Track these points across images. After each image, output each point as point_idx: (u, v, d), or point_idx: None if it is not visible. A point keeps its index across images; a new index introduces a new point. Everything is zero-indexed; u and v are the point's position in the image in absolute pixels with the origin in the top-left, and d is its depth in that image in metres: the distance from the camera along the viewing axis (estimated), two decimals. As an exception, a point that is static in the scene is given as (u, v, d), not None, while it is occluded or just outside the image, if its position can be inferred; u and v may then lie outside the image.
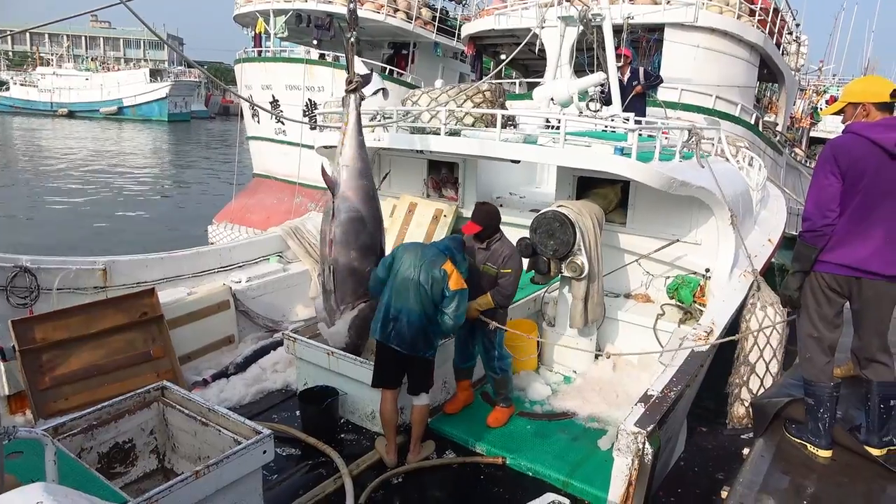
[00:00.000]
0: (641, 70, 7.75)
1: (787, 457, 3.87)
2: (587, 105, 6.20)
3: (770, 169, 13.99)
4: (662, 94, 11.75)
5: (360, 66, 6.11)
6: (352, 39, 5.03)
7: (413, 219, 7.09)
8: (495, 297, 4.74)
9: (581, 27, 6.92)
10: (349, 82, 4.99)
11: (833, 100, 29.67)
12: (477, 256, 4.85)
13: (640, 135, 5.44)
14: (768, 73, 14.53)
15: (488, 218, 4.78)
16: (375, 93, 5.94)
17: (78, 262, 5.50)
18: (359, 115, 5.20)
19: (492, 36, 13.54)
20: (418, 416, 4.57)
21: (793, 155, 16.94)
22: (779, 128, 15.78)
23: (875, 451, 3.81)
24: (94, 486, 3.33)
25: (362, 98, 5.97)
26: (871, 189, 3.45)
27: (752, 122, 12.70)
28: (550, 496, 2.97)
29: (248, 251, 6.87)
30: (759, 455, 3.88)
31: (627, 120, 5.25)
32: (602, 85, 7.02)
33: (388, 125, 6.50)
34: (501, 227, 4.83)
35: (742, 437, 4.53)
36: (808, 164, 18.06)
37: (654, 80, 8.19)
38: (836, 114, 3.73)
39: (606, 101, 7.02)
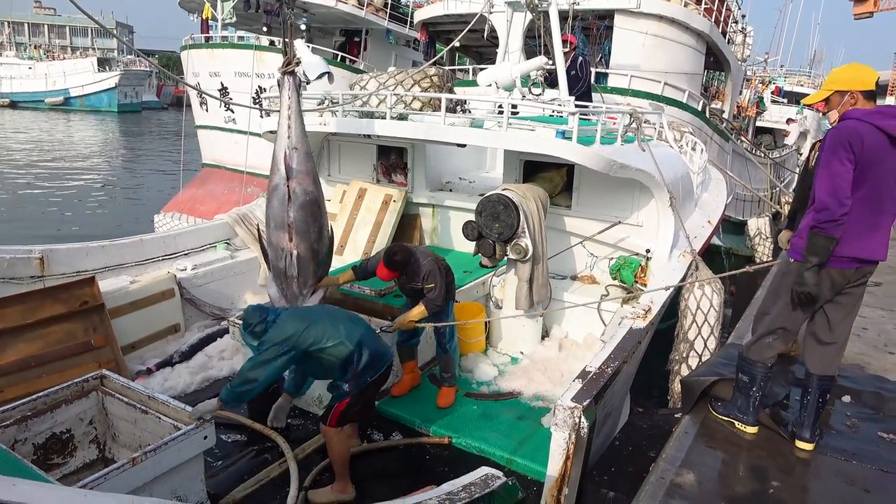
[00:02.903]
0: (580, 59, 7.81)
1: (711, 433, 4.03)
2: (529, 89, 6.26)
3: (717, 155, 14.35)
4: (612, 80, 11.95)
5: (303, 50, 6.06)
6: (291, 19, 4.97)
7: (363, 204, 7.07)
8: (429, 305, 4.75)
9: (528, 12, 6.97)
10: (287, 63, 4.93)
11: (778, 91, 30.39)
12: (399, 282, 4.92)
13: (584, 119, 5.55)
14: (715, 61, 14.87)
15: (402, 264, 4.69)
16: (320, 76, 5.86)
17: (12, 250, 5.32)
18: (299, 95, 5.15)
19: (445, 22, 13.53)
20: None
21: (740, 142, 17.38)
22: (725, 115, 16.17)
23: (807, 446, 3.87)
24: (26, 476, 3.26)
25: (307, 81, 5.94)
26: (880, 177, 3.38)
27: (700, 108, 12.98)
28: (485, 469, 3.03)
29: (194, 238, 6.75)
30: (684, 431, 4.03)
31: (566, 104, 5.34)
32: (548, 69, 7.09)
33: (336, 110, 6.46)
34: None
35: (676, 415, 4.68)
36: (753, 152, 18.55)
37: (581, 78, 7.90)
38: (821, 101, 3.64)
39: (552, 83, 7.09)
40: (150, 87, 64.00)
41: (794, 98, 28.60)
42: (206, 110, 16.00)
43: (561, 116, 6.17)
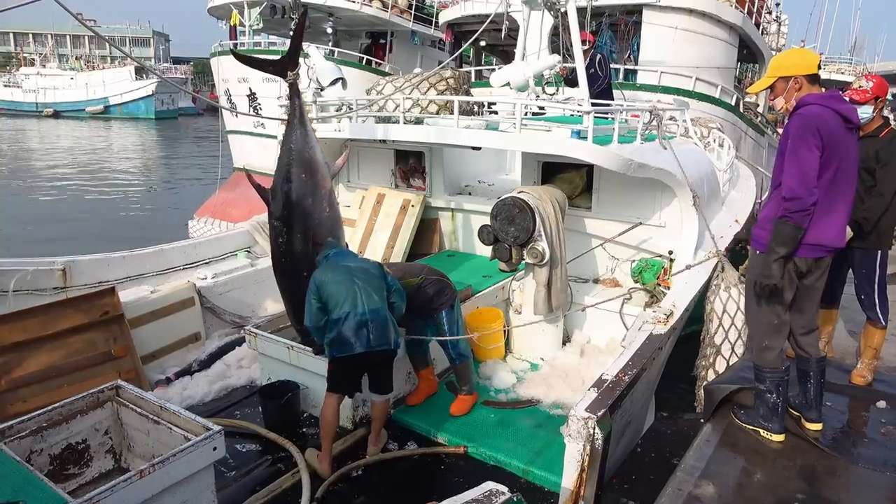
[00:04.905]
0: (599, 57, 7.64)
1: (733, 441, 3.87)
2: (543, 88, 6.13)
3: (752, 150, 13.95)
4: (642, 76, 11.71)
5: (317, 56, 6.05)
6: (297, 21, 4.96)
7: (381, 209, 7.03)
8: None
9: (545, 10, 6.82)
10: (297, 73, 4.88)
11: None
12: None
13: (602, 118, 5.41)
14: (748, 53, 14.49)
15: None
16: (333, 82, 5.86)
17: (35, 262, 5.41)
18: None
19: (470, 22, 13.42)
20: (381, 412, 4.53)
21: (776, 136, 16.89)
22: (760, 109, 15.72)
23: (816, 427, 3.86)
24: (34, 486, 3.29)
25: (321, 88, 5.93)
26: (841, 163, 3.38)
27: (733, 103, 12.65)
28: (489, 484, 2.94)
29: (214, 247, 6.79)
30: (705, 440, 3.87)
31: (581, 103, 5.20)
32: (569, 68, 6.95)
33: (352, 115, 6.43)
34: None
35: (702, 421, 4.52)
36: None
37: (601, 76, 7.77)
38: (765, 89, 3.62)
39: (572, 82, 6.94)
40: (186, 93, 65.33)
41: (835, 87, 27.72)
42: (236, 115, 16.21)
43: (580, 116, 6.05)
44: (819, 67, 3.47)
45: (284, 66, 4.90)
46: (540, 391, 5.26)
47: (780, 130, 18.10)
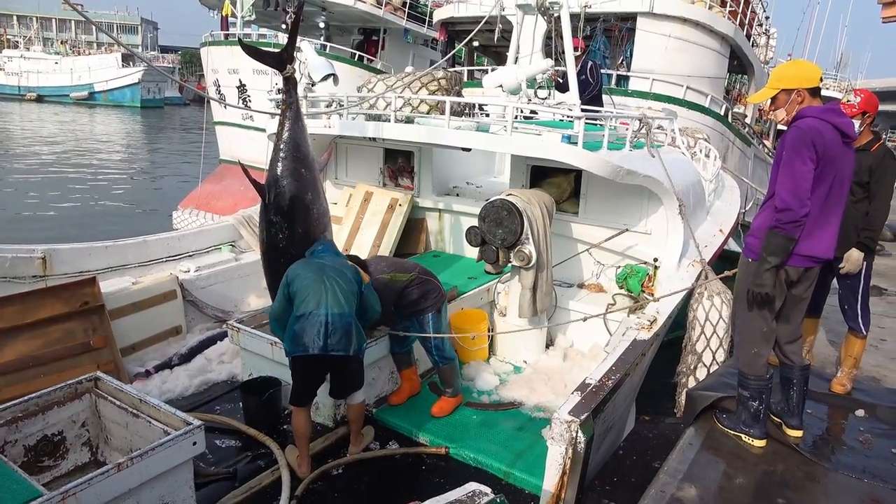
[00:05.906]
0: (590, 63, 7.67)
1: (716, 445, 3.91)
2: (535, 92, 6.14)
3: (739, 160, 14.10)
4: (634, 83, 11.79)
5: (309, 51, 6.01)
6: (290, 18, 4.94)
7: (368, 208, 7.00)
8: None
9: (538, 15, 6.82)
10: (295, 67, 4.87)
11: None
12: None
13: (592, 124, 5.42)
14: (738, 64, 14.64)
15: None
16: (325, 78, 5.82)
17: (14, 249, 5.31)
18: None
19: (465, 22, 13.44)
20: (356, 414, 4.49)
21: (762, 147, 17.08)
22: (747, 119, 15.91)
23: (797, 433, 3.93)
24: (8, 478, 3.23)
25: (312, 83, 5.90)
26: (837, 176, 3.42)
27: (722, 113, 12.78)
28: (472, 485, 2.94)
29: (198, 240, 6.72)
30: (688, 443, 3.91)
31: (572, 108, 5.23)
32: (560, 72, 6.98)
33: (342, 112, 6.40)
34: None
35: (682, 426, 4.55)
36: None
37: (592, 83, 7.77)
38: (766, 100, 3.69)
39: (562, 87, 6.96)
40: (173, 83, 64.68)
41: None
42: (224, 107, 16.05)
43: (570, 121, 6.06)
44: (820, 80, 3.50)
45: (283, 60, 4.91)
46: (522, 394, 5.27)
47: (766, 142, 18.37)
